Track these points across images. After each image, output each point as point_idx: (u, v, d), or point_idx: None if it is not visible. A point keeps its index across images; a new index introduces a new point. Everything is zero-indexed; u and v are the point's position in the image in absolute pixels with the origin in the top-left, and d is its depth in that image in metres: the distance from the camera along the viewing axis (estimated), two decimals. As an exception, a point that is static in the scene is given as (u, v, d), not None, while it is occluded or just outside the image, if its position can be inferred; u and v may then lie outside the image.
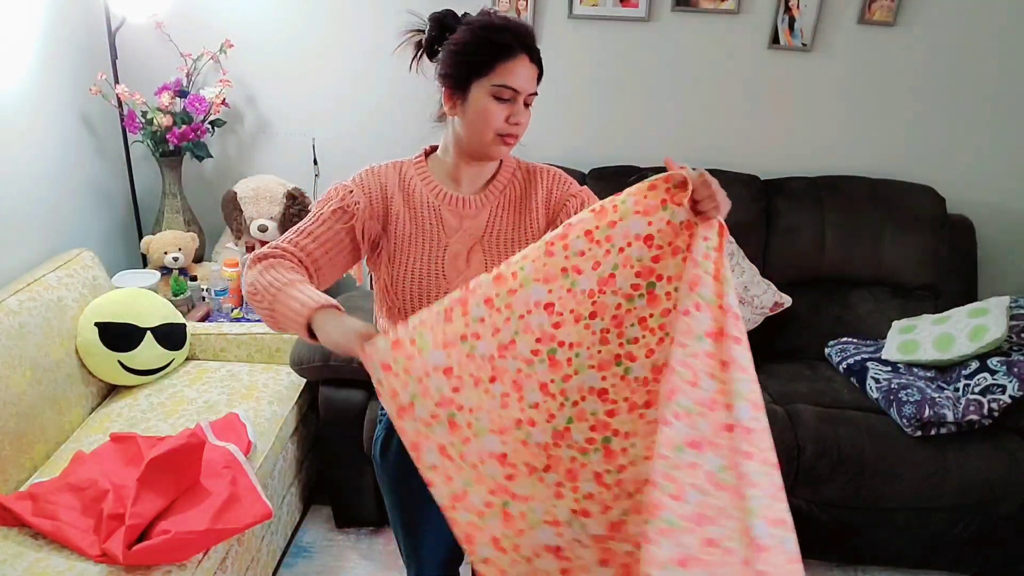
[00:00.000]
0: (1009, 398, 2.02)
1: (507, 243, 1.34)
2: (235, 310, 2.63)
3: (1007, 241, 2.79)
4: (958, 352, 2.15)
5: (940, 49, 2.58)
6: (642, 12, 2.60)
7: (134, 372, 2.17)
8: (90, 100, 2.57)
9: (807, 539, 2.20)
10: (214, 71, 2.73)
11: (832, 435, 2.06)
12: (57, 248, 2.37)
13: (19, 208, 2.25)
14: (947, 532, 2.12)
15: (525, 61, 1.22)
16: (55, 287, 2.08)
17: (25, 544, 1.59)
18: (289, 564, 2.19)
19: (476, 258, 1.31)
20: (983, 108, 2.64)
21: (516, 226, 1.35)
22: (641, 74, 2.70)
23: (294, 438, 2.21)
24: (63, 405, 2.00)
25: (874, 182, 2.62)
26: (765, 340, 2.54)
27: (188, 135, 2.60)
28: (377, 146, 2.83)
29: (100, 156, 2.71)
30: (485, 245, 1.33)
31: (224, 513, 1.64)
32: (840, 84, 2.66)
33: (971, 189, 2.72)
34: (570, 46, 2.67)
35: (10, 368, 1.83)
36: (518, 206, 1.36)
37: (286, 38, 2.72)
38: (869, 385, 2.23)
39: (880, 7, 2.54)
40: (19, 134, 2.25)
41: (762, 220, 2.58)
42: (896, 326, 2.40)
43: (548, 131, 2.78)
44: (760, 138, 2.75)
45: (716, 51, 2.65)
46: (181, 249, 2.65)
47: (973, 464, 2.02)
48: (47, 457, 1.92)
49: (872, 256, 2.56)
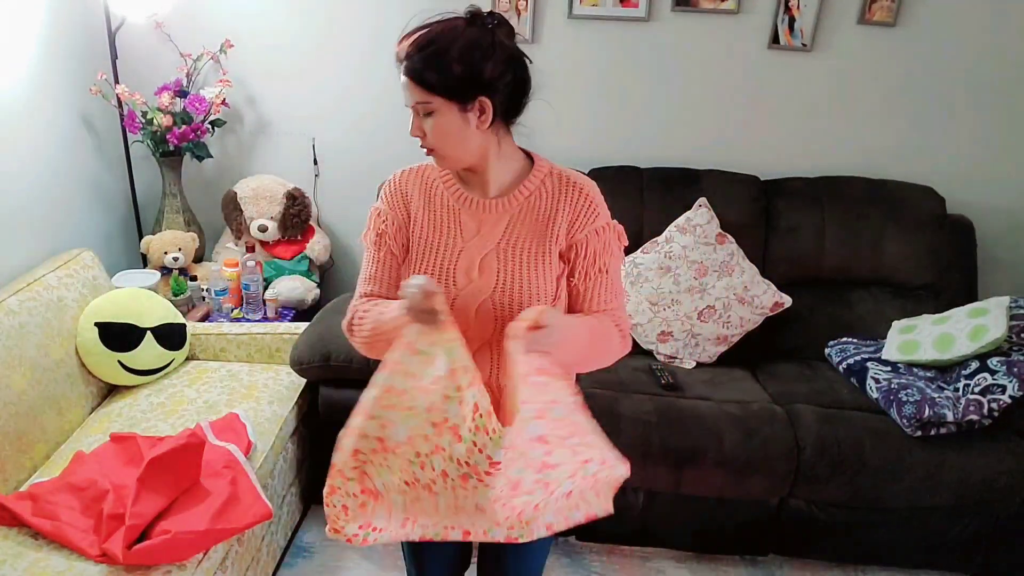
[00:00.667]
0: (1009, 398, 2.02)
1: (525, 255, 1.26)
2: (235, 310, 2.63)
3: (1007, 241, 2.79)
4: (958, 352, 2.15)
5: (940, 49, 2.58)
6: (642, 12, 2.60)
7: (134, 372, 2.17)
8: (90, 100, 2.57)
9: (807, 539, 2.22)
10: (214, 71, 2.74)
11: (832, 435, 2.06)
12: (57, 248, 2.37)
13: (19, 208, 2.25)
14: (947, 532, 2.12)
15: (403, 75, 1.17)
16: (55, 287, 2.08)
17: (25, 544, 1.59)
18: (289, 564, 2.19)
19: (489, 266, 1.26)
20: (983, 108, 2.64)
21: (537, 239, 1.27)
22: (641, 74, 2.70)
23: (294, 438, 2.21)
24: (63, 405, 2.00)
25: (874, 182, 2.62)
26: (765, 340, 2.55)
27: (188, 135, 2.60)
28: (377, 146, 2.84)
29: (100, 156, 2.71)
30: (500, 253, 1.26)
31: (224, 513, 1.64)
32: (840, 84, 2.66)
33: (971, 189, 2.72)
34: (570, 46, 2.67)
35: (10, 368, 1.83)
36: (542, 218, 1.27)
37: (286, 38, 2.73)
38: (869, 385, 2.23)
39: (880, 7, 2.54)
40: (19, 134, 2.25)
41: (762, 220, 2.58)
42: (896, 326, 2.40)
43: (548, 131, 2.77)
44: (760, 138, 2.75)
45: (716, 51, 2.65)
46: (181, 249, 2.65)
47: (973, 464, 2.02)
48: (47, 457, 1.92)
49: (872, 256, 2.56)
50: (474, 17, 1.17)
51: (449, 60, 1.13)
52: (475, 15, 1.17)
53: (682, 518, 2.18)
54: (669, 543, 2.25)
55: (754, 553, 2.25)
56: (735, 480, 2.06)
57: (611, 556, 2.28)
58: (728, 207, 2.53)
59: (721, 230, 2.49)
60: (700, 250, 2.46)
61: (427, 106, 1.17)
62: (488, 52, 1.15)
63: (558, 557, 2.25)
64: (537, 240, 1.26)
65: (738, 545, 2.22)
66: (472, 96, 1.16)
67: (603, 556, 2.27)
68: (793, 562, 2.27)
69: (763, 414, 2.13)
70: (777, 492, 2.10)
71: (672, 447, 2.05)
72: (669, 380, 2.30)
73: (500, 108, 1.19)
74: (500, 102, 1.18)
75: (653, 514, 2.18)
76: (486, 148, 1.23)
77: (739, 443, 2.05)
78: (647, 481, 2.09)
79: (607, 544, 2.30)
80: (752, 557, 2.28)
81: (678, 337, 2.46)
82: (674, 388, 2.28)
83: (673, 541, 2.24)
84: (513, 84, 1.19)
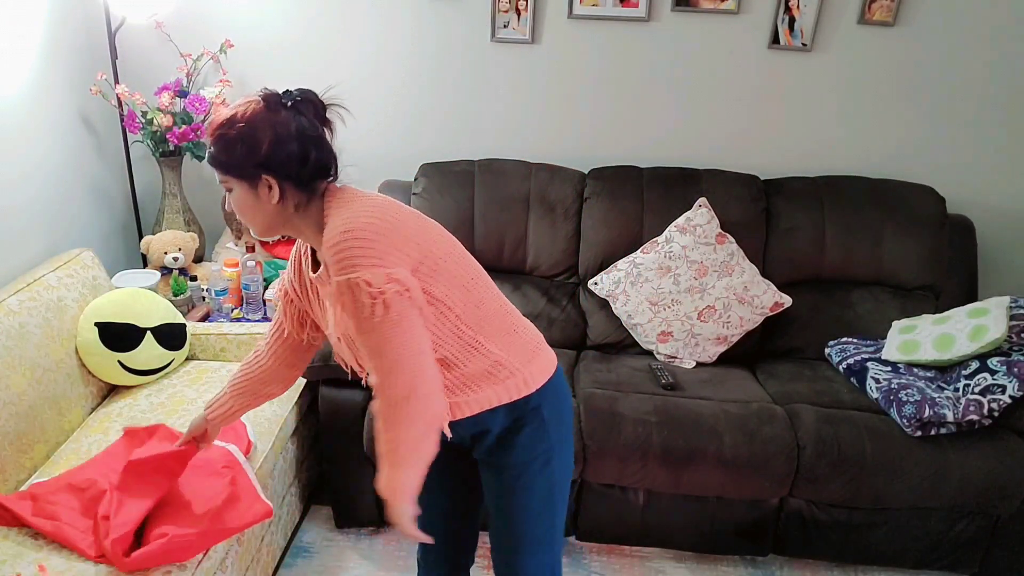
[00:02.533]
0: (1009, 398, 2.02)
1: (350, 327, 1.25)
2: (235, 310, 2.63)
3: (1007, 241, 2.79)
4: (958, 352, 2.15)
5: (940, 49, 2.58)
6: (642, 12, 2.60)
7: (134, 372, 2.17)
8: (90, 100, 2.57)
9: (807, 539, 2.22)
10: (214, 71, 2.74)
11: (832, 435, 2.06)
12: (57, 248, 2.37)
13: (19, 208, 2.26)
14: (947, 532, 2.12)
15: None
16: (55, 287, 2.08)
17: (25, 544, 1.58)
18: (289, 564, 2.20)
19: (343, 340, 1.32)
20: (983, 108, 2.65)
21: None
22: (641, 74, 2.70)
23: (294, 438, 2.21)
24: (63, 405, 2.00)
25: (874, 182, 2.62)
26: (765, 340, 2.55)
27: (188, 135, 2.60)
28: (377, 146, 2.84)
29: (100, 156, 2.71)
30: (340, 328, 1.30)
31: (223, 513, 1.64)
32: (840, 84, 2.66)
33: (971, 189, 2.72)
34: (570, 46, 2.67)
35: (10, 368, 1.83)
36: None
37: (286, 38, 2.73)
38: (869, 385, 2.23)
39: (880, 7, 2.54)
40: (19, 134, 2.25)
41: (762, 220, 2.58)
42: (896, 326, 2.40)
43: (548, 131, 2.78)
44: (760, 138, 2.75)
45: (716, 51, 2.65)
46: (181, 249, 2.65)
47: (973, 464, 2.02)
48: (47, 457, 1.92)
49: (872, 256, 2.56)
50: (265, 99, 1.23)
51: (231, 142, 1.21)
52: (266, 97, 1.23)
53: (682, 518, 2.18)
54: (669, 543, 2.25)
55: (754, 553, 2.25)
56: (735, 480, 2.06)
57: (611, 556, 2.28)
58: (728, 207, 2.53)
59: (721, 230, 2.49)
60: (700, 250, 2.46)
61: (225, 184, 1.25)
62: (264, 132, 1.20)
63: (558, 557, 2.25)
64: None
65: (738, 545, 2.22)
66: (255, 175, 1.22)
67: (603, 556, 2.27)
68: (793, 562, 2.27)
69: (763, 414, 2.13)
70: (777, 492, 2.10)
71: (672, 447, 2.05)
72: (669, 380, 2.30)
73: (288, 182, 1.23)
74: (284, 177, 1.22)
75: (653, 514, 2.18)
76: (285, 219, 1.27)
77: (739, 443, 2.05)
78: (647, 481, 2.09)
79: (607, 544, 2.30)
80: (752, 557, 2.28)
81: (678, 337, 2.46)
82: (674, 388, 2.28)
83: (673, 541, 2.24)
84: (295, 159, 1.22)
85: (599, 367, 2.40)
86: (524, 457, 1.37)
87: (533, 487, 1.39)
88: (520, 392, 1.34)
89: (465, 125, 2.80)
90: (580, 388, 2.25)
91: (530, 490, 1.39)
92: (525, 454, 1.37)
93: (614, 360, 2.46)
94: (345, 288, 1.16)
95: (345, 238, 1.16)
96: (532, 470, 1.38)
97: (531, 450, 1.37)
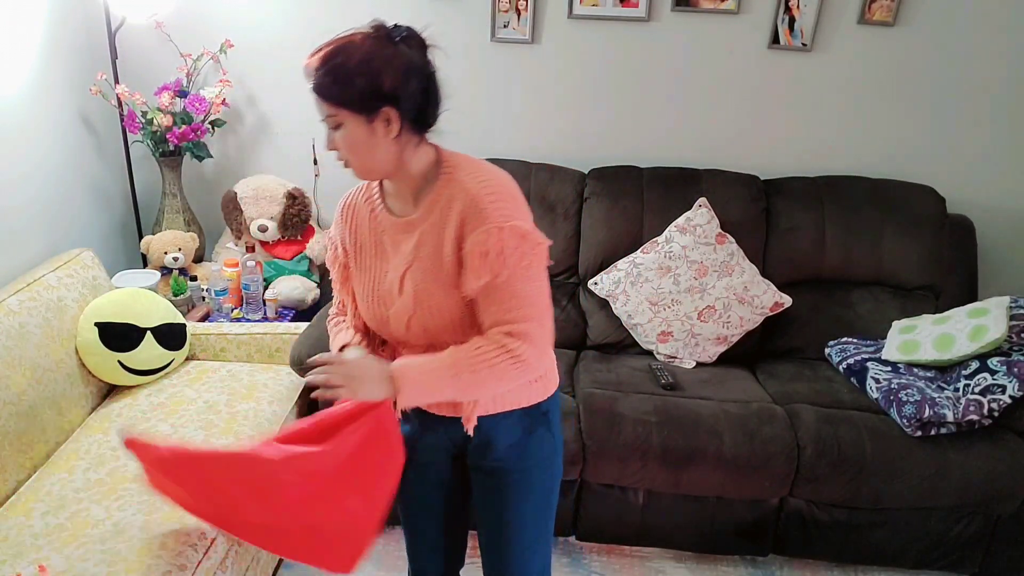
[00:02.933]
0: (1009, 398, 2.02)
1: (429, 272, 1.24)
2: (235, 310, 2.64)
3: (1007, 241, 2.79)
4: (958, 352, 2.15)
5: (940, 49, 2.58)
6: (642, 12, 2.60)
7: (134, 372, 2.17)
8: (90, 100, 2.57)
9: (807, 539, 2.22)
10: (214, 71, 2.74)
11: (832, 435, 2.06)
12: (57, 248, 2.37)
13: (19, 208, 2.26)
14: (947, 532, 2.12)
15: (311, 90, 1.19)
16: (55, 287, 2.08)
17: (25, 544, 1.59)
18: (289, 564, 2.19)
19: (408, 287, 1.25)
20: (983, 108, 2.65)
21: (435, 253, 1.23)
22: (641, 74, 2.70)
23: (294, 438, 2.21)
24: (63, 405, 2.00)
25: (874, 182, 2.62)
26: (765, 340, 2.55)
27: (188, 135, 2.61)
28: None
29: (100, 156, 2.71)
30: (412, 272, 1.25)
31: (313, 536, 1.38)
32: (840, 84, 2.66)
33: (971, 189, 2.72)
34: (570, 46, 2.67)
35: (10, 368, 1.83)
36: (438, 230, 1.23)
37: (287, 38, 2.73)
38: (869, 385, 2.23)
39: (880, 7, 2.54)
40: (19, 134, 2.25)
41: (762, 220, 2.58)
42: (896, 326, 2.40)
43: (548, 131, 2.78)
44: (760, 138, 2.75)
45: (716, 51, 2.65)
46: (181, 249, 2.65)
47: (973, 464, 2.02)
48: (47, 457, 1.92)
49: (872, 256, 2.56)
50: (377, 30, 1.18)
51: (350, 73, 1.14)
52: (378, 28, 1.18)
53: (682, 518, 2.18)
54: (669, 543, 2.25)
55: (754, 553, 2.25)
56: (735, 480, 2.06)
57: (611, 556, 2.28)
58: (728, 207, 2.53)
59: (721, 230, 2.49)
60: (700, 250, 2.46)
61: (335, 119, 1.18)
62: (388, 64, 1.14)
63: (558, 557, 2.25)
64: (435, 254, 1.23)
65: (738, 545, 2.22)
66: (376, 108, 1.15)
67: (603, 556, 2.27)
68: (793, 562, 2.27)
69: (763, 414, 2.13)
70: (777, 492, 2.10)
71: (672, 447, 2.05)
72: (669, 380, 2.30)
73: (407, 118, 1.18)
74: (406, 113, 1.17)
75: (653, 514, 2.18)
76: (398, 159, 1.21)
77: (739, 443, 2.05)
78: (647, 481, 2.09)
79: (607, 544, 2.30)
80: (752, 557, 2.28)
81: (678, 337, 2.46)
82: (674, 388, 2.28)
83: (673, 541, 2.24)
84: (419, 95, 1.18)
85: (599, 367, 2.40)
86: (529, 463, 1.38)
87: (533, 491, 1.40)
88: (539, 397, 1.36)
89: (465, 125, 2.80)
90: (580, 388, 2.25)
91: (531, 494, 1.40)
92: (531, 459, 1.38)
93: (614, 360, 2.46)
94: (508, 234, 1.16)
95: (499, 189, 1.19)
96: (535, 475, 1.39)
97: (537, 455, 1.38)
